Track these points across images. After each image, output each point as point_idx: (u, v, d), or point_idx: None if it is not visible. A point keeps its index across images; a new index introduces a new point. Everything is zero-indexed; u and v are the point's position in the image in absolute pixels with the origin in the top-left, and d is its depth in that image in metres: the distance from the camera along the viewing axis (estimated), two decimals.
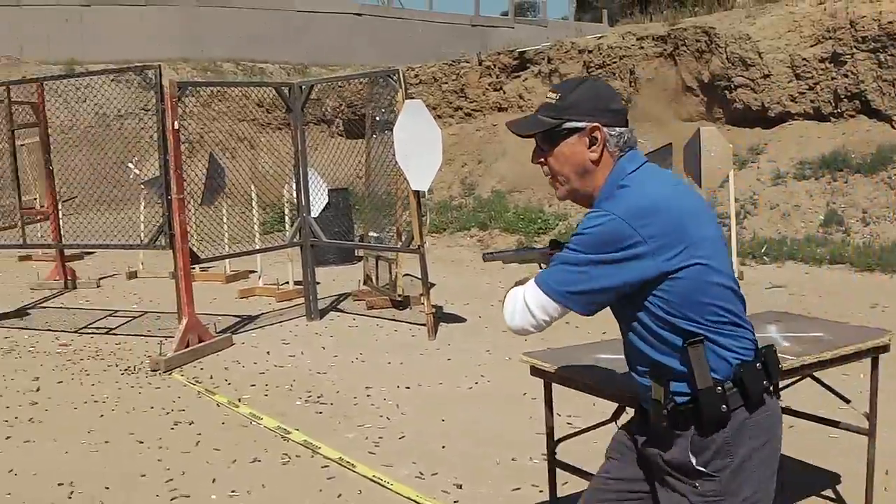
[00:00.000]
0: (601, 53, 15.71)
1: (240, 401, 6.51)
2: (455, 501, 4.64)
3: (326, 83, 15.28)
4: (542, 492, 4.36)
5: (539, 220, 13.90)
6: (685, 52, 14.51)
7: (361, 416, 6.10)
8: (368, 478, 4.93)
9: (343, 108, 19.08)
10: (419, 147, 7.85)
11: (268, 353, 7.97)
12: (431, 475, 4.98)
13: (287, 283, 10.90)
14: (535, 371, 3.76)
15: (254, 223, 11.62)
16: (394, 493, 4.72)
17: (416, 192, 8.20)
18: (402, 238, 9.09)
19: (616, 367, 3.40)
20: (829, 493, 4.50)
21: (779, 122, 13.51)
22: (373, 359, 7.68)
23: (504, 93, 17.16)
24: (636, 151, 2.48)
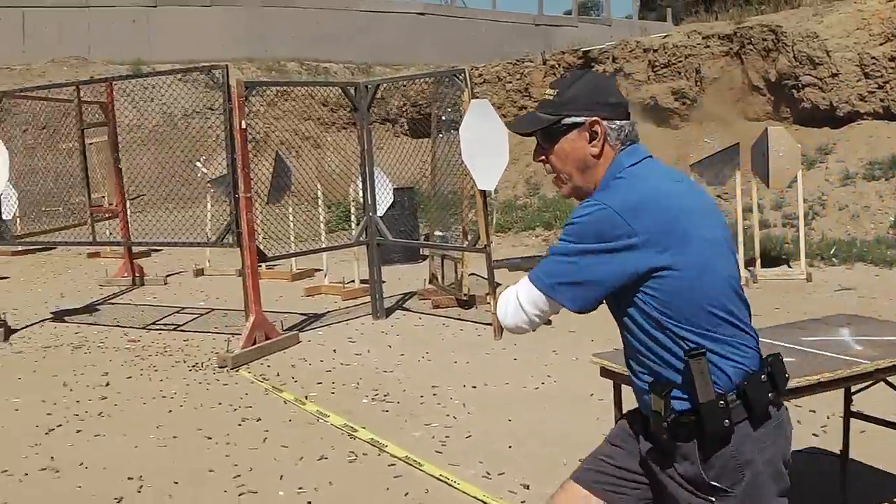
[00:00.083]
0: (666, 52, 15.56)
1: (306, 398, 6.54)
2: (522, 501, 4.61)
3: (391, 83, 15.34)
4: None
5: None
6: (751, 51, 14.31)
7: (428, 415, 6.09)
8: (435, 477, 4.92)
9: (407, 108, 19.12)
10: (485, 146, 7.82)
11: (334, 351, 7.99)
12: (498, 475, 4.95)
13: (353, 282, 10.92)
14: (605, 372, 3.72)
15: (319, 222, 11.69)
16: (461, 493, 4.70)
17: (483, 192, 8.18)
18: (469, 237, 9.08)
19: None
20: None
21: (847, 122, 13.27)
22: (439, 358, 7.67)
23: None
24: (638, 146, 2.43)
